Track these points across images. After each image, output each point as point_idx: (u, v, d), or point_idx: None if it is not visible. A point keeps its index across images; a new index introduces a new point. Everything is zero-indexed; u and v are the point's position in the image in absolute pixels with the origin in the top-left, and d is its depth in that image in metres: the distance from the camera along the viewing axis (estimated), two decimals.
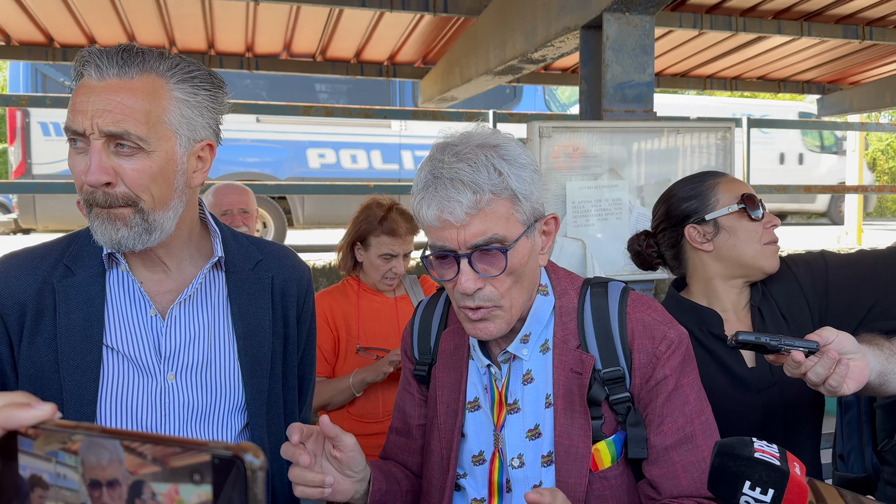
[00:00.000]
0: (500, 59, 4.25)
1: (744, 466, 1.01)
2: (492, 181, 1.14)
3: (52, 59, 5.15)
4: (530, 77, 6.22)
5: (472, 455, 1.31)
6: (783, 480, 0.99)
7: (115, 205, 1.16)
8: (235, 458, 0.51)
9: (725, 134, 3.06)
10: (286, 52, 5.52)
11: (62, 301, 1.22)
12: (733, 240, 1.62)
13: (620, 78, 2.94)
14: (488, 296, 1.19)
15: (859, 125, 7.87)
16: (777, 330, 1.60)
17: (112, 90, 1.14)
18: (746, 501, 1.00)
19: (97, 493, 0.57)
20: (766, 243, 1.62)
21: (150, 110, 1.15)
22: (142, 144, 1.15)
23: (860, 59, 6.17)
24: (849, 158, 9.41)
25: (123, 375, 1.23)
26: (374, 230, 2.56)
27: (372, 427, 2.55)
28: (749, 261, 1.62)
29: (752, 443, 1.03)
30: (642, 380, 1.25)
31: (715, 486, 1.04)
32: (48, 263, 1.25)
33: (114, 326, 1.23)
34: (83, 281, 1.23)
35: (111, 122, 1.13)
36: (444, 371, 1.37)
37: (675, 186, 1.74)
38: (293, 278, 1.42)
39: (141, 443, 0.55)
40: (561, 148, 2.83)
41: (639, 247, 1.81)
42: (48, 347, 1.20)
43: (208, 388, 1.28)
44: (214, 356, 1.29)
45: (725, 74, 6.66)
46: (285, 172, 8.56)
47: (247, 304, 1.33)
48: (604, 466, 1.24)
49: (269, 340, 1.34)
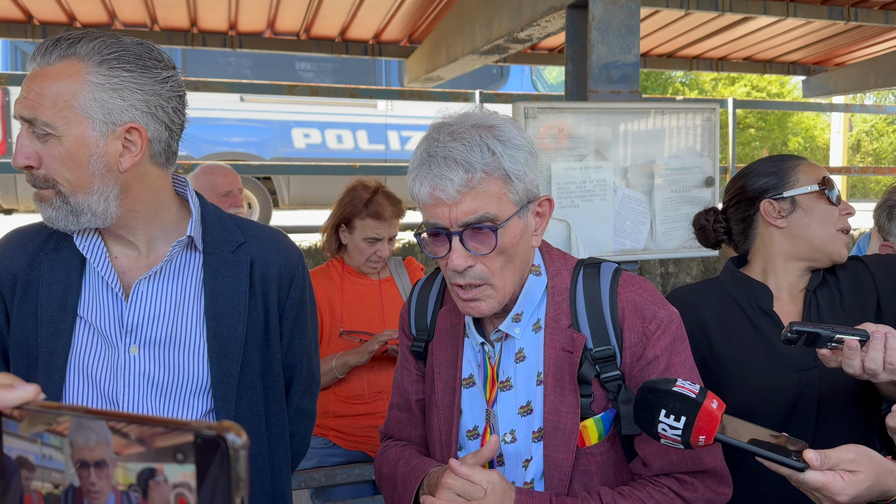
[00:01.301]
0: (486, 39, 4.23)
1: (661, 398, 1.12)
2: (484, 160, 1.17)
3: (32, 37, 5.06)
4: (517, 57, 6.19)
5: (467, 430, 1.36)
6: (695, 409, 1.09)
7: (38, 186, 1.23)
8: (218, 437, 0.52)
9: (710, 115, 3.06)
10: (270, 30, 5.46)
11: (46, 272, 1.29)
12: (808, 219, 1.62)
13: (606, 58, 2.93)
14: (479, 274, 1.22)
15: (843, 106, 7.92)
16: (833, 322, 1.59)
17: (31, 78, 1.20)
18: (663, 429, 1.11)
19: (84, 473, 0.58)
20: (839, 229, 1.62)
21: (57, 95, 1.17)
22: (48, 130, 1.18)
23: (845, 41, 6.19)
24: (833, 140, 9.48)
25: (92, 345, 1.29)
26: (359, 213, 2.55)
27: (358, 408, 2.56)
28: (820, 243, 1.62)
29: (674, 381, 1.14)
30: (633, 358, 1.28)
31: (638, 417, 1.15)
32: (41, 238, 1.33)
33: (87, 298, 1.30)
34: (67, 255, 1.30)
35: (24, 109, 1.19)
36: (440, 348, 1.40)
37: (754, 164, 1.73)
38: (276, 262, 1.41)
39: (126, 423, 0.55)
40: (546, 129, 2.83)
41: (705, 221, 1.80)
42: (33, 316, 1.28)
43: (171, 365, 1.29)
44: (179, 334, 1.30)
45: (712, 55, 6.67)
46: (270, 153, 8.49)
47: (222, 286, 1.33)
48: (591, 443, 1.28)
49: (244, 324, 1.34)
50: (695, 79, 22.56)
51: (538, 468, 1.29)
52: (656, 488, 1.26)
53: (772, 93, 22.39)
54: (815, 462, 1.05)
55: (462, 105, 1.27)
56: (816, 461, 1.05)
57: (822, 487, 1.05)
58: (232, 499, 0.51)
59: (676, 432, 1.10)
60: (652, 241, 3.00)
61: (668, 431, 1.10)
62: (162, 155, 1.29)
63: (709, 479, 1.27)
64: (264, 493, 1.39)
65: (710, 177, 3.06)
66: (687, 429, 1.09)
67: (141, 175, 1.27)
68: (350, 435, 2.60)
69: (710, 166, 3.07)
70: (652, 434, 1.13)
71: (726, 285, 1.70)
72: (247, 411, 1.35)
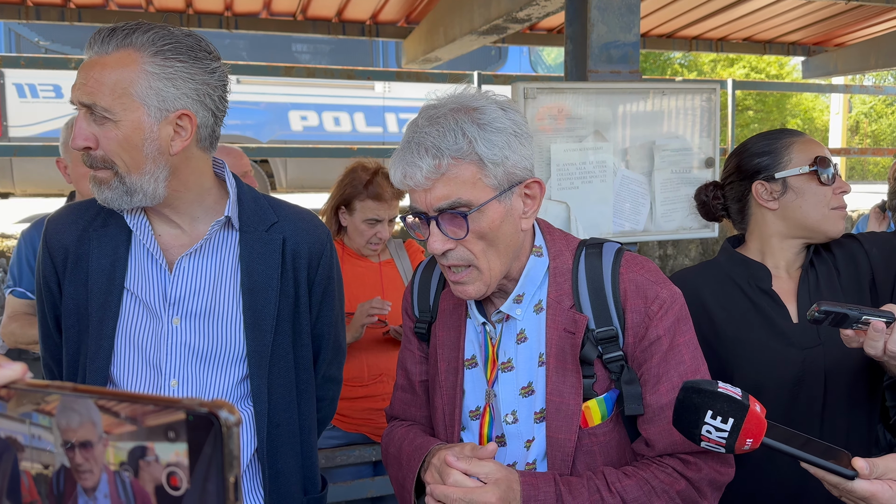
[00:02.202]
0: (484, 19, 4.19)
1: (707, 398, 1.08)
2: (456, 146, 1.17)
3: (26, 18, 5.01)
4: (515, 37, 6.14)
5: (470, 410, 1.36)
6: (743, 411, 1.06)
7: (96, 166, 1.32)
8: (211, 414, 0.51)
9: (710, 96, 3.05)
10: (266, 10, 5.40)
11: (95, 248, 1.40)
12: (799, 201, 1.61)
13: (606, 38, 2.91)
14: (461, 256, 1.23)
15: (843, 87, 7.88)
16: (831, 298, 1.60)
17: (91, 66, 1.29)
18: (708, 431, 1.07)
19: (71, 454, 0.57)
20: (832, 208, 1.61)
21: (116, 83, 1.28)
22: (107, 115, 1.28)
23: (845, 21, 6.15)
24: (832, 121, 9.44)
25: (137, 316, 1.40)
26: (358, 194, 2.54)
27: (358, 391, 2.56)
28: (813, 224, 1.62)
29: (716, 382, 1.10)
30: (635, 339, 1.27)
31: (679, 418, 1.11)
32: (90, 214, 1.44)
33: (133, 272, 1.41)
34: (114, 232, 1.41)
35: (84, 95, 1.28)
36: (443, 329, 1.41)
37: (749, 140, 1.72)
38: (306, 241, 1.52)
39: (117, 402, 0.55)
40: (546, 110, 2.81)
41: (705, 197, 1.80)
42: (83, 287, 1.40)
43: (210, 335, 1.41)
44: (218, 306, 1.42)
45: (711, 35, 6.62)
46: (267, 135, 8.44)
47: (256, 262, 1.44)
48: (594, 423, 1.28)
49: (276, 298, 1.45)
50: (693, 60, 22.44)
51: (541, 449, 1.29)
52: (660, 468, 1.26)
53: (771, 74, 22.29)
54: (864, 471, 1.04)
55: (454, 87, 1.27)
56: (866, 470, 1.04)
57: (870, 497, 1.04)
58: (225, 477, 0.50)
59: (722, 434, 1.07)
60: (651, 222, 2.99)
61: (712, 434, 1.07)
62: (207, 139, 1.40)
63: (712, 459, 1.27)
64: (294, 454, 1.51)
65: (710, 158, 3.05)
66: (734, 431, 1.06)
67: (188, 158, 1.38)
68: (350, 417, 2.60)
69: (710, 147, 3.05)
70: (692, 436, 1.09)
71: (724, 266, 1.71)
72: (279, 377, 1.46)
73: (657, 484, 1.23)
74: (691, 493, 1.25)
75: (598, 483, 1.23)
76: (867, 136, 22.94)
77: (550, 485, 1.22)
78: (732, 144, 6.49)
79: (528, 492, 1.20)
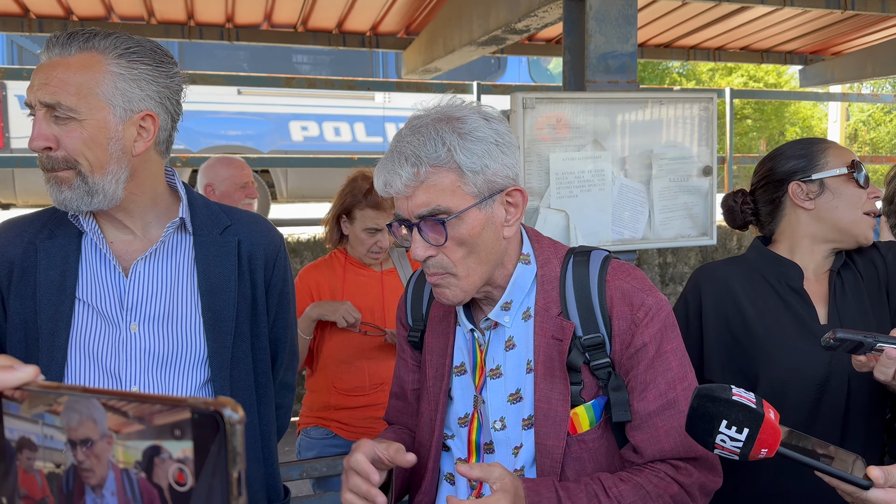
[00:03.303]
0: (483, 30, 4.22)
1: (722, 407, 1.05)
2: (435, 154, 1.20)
3: (29, 31, 5.05)
4: (514, 48, 6.18)
5: (459, 417, 1.37)
6: (758, 421, 1.03)
7: (57, 167, 1.31)
8: (215, 412, 0.52)
9: (708, 105, 3.07)
10: (267, 22, 5.44)
11: (43, 259, 1.37)
12: (836, 202, 1.63)
13: (604, 48, 2.93)
14: (440, 263, 1.25)
15: (841, 96, 7.92)
16: (857, 303, 1.63)
17: (52, 67, 1.29)
18: (722, 440, 1.05)
19: (78, 452, 0.59)
20: (865, 212, 1.63)
21: (82, 83, 1.29)
22: (71, 114, 1.28)
23: (842, 30, 6.18)
24: (830, 129, 9.48)
25: (91, 325, 1.38)
26: (358, 203, 2.56)
27: (359, 400, 2.57)
28: (847, 226, 1.63)
29: (730, 388, 1.07)
30: (622, 346, 1.28)
31: (692, 426, 1.08)
32: (35, 227, 1.41)
33: (85, 281, 1.38)
34: (62, 242, 1.39)
35: (47, 94, 1.28)
36: (433, 336, 1.42)
37: (783, 146, 1.75)
38: (261, 243, 1.52)
39: (126, 402, 0.56)
40: (545, 119, 2.83)
41: (733, 202, 1.81)
42: (31, 300, 1.36)
43: (170, 339, 1.40)
44: (177, 310, 1.41)
45: (708, 45, 6.65)
46: (268, 145, 8.48)
47: (212, 264, 1.44)
48: (582, 430, 1.28)
49: (235, 300, 1.45)
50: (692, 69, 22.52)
51: (529, 455, 1.30)
52: (653, 473, 1.26)
53: (769, 83, 22.36)
54: (879, 480, 1.02)
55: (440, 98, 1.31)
56: (881, 479, 1.02)
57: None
58: (229, 472, 0.52)
59: (737, 444, 1.04)
60: (650, 230, 3.00)
61: (727, 443, 1.05)
62: (164, 143, 1.42)
63: (701, 465, 1.28)
64: (257, 459, 1.51)
65: (707, 166, 3.07)
66: (749, 441, 1.04)
67: (146, 161, 1.39)
68: (351, 426, 2.61)
69: (707, 156, 3.07)
70: (706, 444, 1.07)
71: (754, 262, 1.72)
72: (239, 381, 1.46)
73: (652, 489, 1.24)
74: (684, 497, 1.26)
75: (596, 488, 1.24)
76: (865, 143, 22.99)
77: (552, 491, 1.22)
78: (730, 153, 6.52)
79: (532, 498, 1.20)
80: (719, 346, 1.68)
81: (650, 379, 1.27)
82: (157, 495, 0.55)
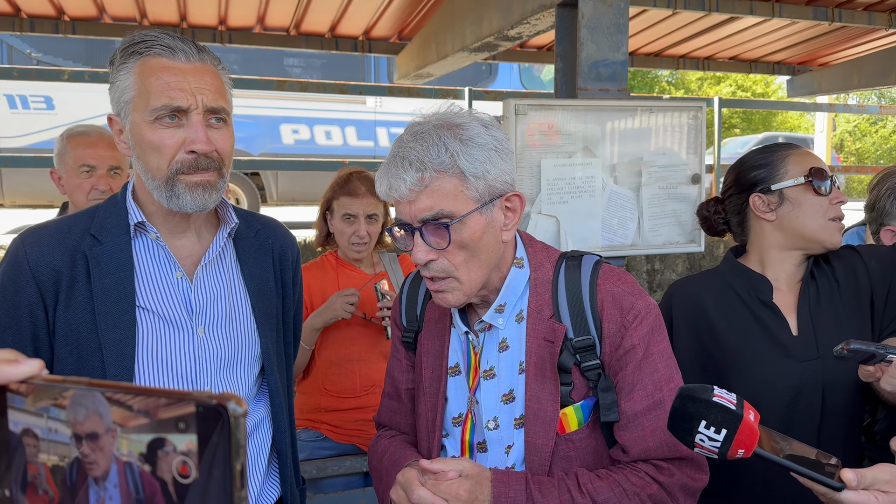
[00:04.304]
0: (476, 36, 4.25)
1: (702, 408, 1.08)
2: (439, 160, 1.22)
3: (20, 30, 5.03)
4: (506, 54, 6.22)
5: (453, 417, 1.40)
6: (736, 422, 1.07)
7: (210, 168, 1.33)
8: (219, 406, 0.53)
9: (697, 113, 3.11)
10: (260, 25, 5.45)
11: (94, 267, 1.34)
12: (796, 212, 1.63)
13: (595, 56, 2.97)
14: (441, 267, 1.28)
15: (827, 106, 8.00)
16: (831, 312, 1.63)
17: (201, 72, 1.33)
18: (701, 439, 1.08)
19: (83, 445, 0.60)
20: (830, 218, 1.63)
21: (220, 87, 1.36)
22: (226, 118, 1.36)
23: (829, 42, 6.27)
24: (817, 139, 9.58)
25: (158, 332, 1.37)
26: (335, 195, 2.59)
27: (350, 402, 2.58)
28: (810, 234, 1.63)
29: (711, 389, 1.10)
30: (612, 348, 1.31)
31: (674, 425, 1.11)
32: (76, 234, 1.37)
33: (144, 288, 1.37)
34: (111, 248, 1.36)
35: (212, 99, 1.32)
36: (428, 338, 1.45)
37: (747, 154, 1.75)
38: (288, 244, 1.60)
39: (132, 395, 0.57)
40: (536, 126, 2.85)
41: (707, 212, 1.83)
42: (84, 309, 1.32)
43: (232, 340, 1.44)
44: (234, 311, 1.46)
45: (698, 54, 6.72)
46: (258, 148, 8.47)
47: (254, 266, 1.50)
48: (571, 429, 1.32)
49: (275, 299, 1.53)
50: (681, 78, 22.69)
51: (519, 453, 1.33)
52: (633, 472, 1.29)
53: (757, 92, 22.56)
54: (852, 482, 1.05)
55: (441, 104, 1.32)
56: (854, 481, 1.06)
57: None
58: (232, 465, 0.53)
59: (715, 444, 1.07)
60: (639, 237, 3.03)
61: (706, 442, 1.08)
62: None
63: (685, 465, 1.31)
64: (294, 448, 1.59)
65: (696, 174, 3.10)
66: (727, 441, 1.07)
67: None
68: (342, 428, 2.62)
69: (696, 164, 3.11)
70: (687, 442, 1.10)
71: (726, 276, 1.73)
72: (281, 374, 1.53)
73: (629, 486, 1.27)
74: (663, 497, 1.28)
75: (570, 483, 1.27)
76: (851, 153, 23.22)
77: (521, 483, 1.26)
78: (719, 162, 6.58)
79: (499, 489, 1.24)
80: (691, 361, 1.68)
81: (638, 380, 1.30)
82: (160, 487, 0.57)
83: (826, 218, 1.63)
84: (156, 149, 1.30)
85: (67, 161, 2.45)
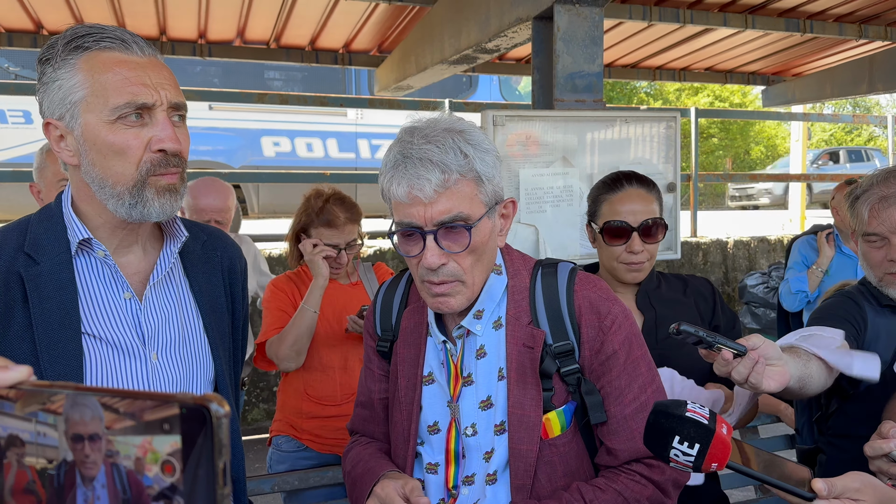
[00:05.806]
0: (454, 49, 4.30)
1: (675, 423, 1.09)
2: (458, 162, 1.22)
3: None
4: (485, 67, 6.28)
5: (428, 425, 1.40)
6: (709, 437, 1.08)
7: (179, 165, 1.22)
8: (202, 407, 0.55)
9: (671, 123, 3.17)
10: (240, 38, 5.47)
11: (33, 290, 1.18)
12: (600, 250, 1.93)
13: (571, 68, 3.02)
14: (452, 271, 1.27)
15: (802, 115, 8.14)
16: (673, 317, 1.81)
17: (157, 67, 1.21)
18: (675, 454, 1.09)
19: (79, 446, 0.61)
20: (620, 262, 1.87)
21: (178, 84, 1.24)
22: (185, 115, 1.24)
23: (802, 52, 6.40)
24: (793, 148, 9.73)
25: (107, 360, 1.22)
26: (312, 222, 2.53)
27: (330, 409, 2.58)
28: (609, 269, 1.91)
29: (685, 404, 1.11)
30: (591, 352, 1.34)
31: (649, 440, 1.13)
32: (7, 253, 1.20)
33: (90, 313, 1.22)
34: (50, 269, 1.20)
35: (174, 94, 1.21)
36: (404, 347, 1.44)
37: (600, 180, 1.97)
38: (236, 256, 1.47)
39: (119, 399, 0.59)
40: (515, 137, 2.90)
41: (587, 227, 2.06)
42: (22, 339, 1.17)
43: (186, 363, 1.31)
44: (186, 332, 1.32)
45: (674, 66, 6.83)
46: (239, 161, 8.45)
47: (204, 282, 1.37)
48: (553, 435, 1.33)
49: (226, 315, 1.41)
50: (659, 89, 22.93)
51: (502, 460, 1.33)
52: (629, 477, 1.31)
53: (734, 103, 22.85)
54: (822, 492, 1.07)
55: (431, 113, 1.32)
56: (825, 490, 1.08)
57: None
58: (215, 463, 0.55)
59: (689, 458, 1.09)
60: None
61: (680, 457, 1.09)
62: None
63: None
64: (242, 469, 1.46)
65: (671, 183, 3.16)
66: (700, 456, 1.09)
67: None
68: (323, 438, 2.62)
69: (671, 173, 3.17)
70: (663, 458, 1.12)
71: None
72: (231, 388, 1.42)
73: (630, 495, 1.29)
74: (658, 495, 1.31)
75: (574, 499, 1.28)
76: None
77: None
78: (696, 171, 6.67)
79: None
80: None
81: (624, 384, 1.33)
82: (145, 487, 0.58)
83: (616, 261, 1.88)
84: (119, 152, 1.16)
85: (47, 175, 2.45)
